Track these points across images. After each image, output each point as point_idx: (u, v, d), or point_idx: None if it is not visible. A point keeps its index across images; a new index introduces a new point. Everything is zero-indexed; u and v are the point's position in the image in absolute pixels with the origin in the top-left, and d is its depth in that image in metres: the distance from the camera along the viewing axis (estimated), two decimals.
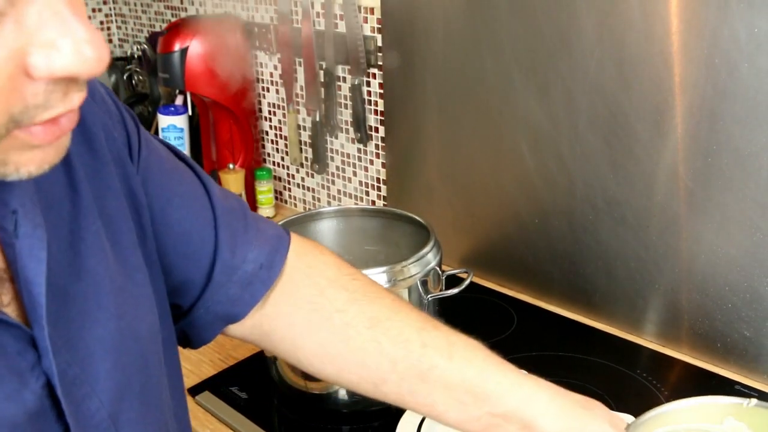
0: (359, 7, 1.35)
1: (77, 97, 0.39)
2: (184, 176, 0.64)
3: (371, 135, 1.42)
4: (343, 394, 0.94)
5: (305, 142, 1.57)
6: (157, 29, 1.88)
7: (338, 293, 0.68)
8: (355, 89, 1.39)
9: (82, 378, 0.48)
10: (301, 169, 1.62)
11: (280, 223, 1.04)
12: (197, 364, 1.10)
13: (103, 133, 0.55)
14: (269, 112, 1.65)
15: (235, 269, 0.65)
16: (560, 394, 0.64)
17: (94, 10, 2.01)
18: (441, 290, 0.97)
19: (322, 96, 1.47)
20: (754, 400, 0.64)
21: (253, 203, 1.60)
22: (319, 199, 1.61)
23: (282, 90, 1.58)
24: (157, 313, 0.58)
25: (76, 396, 0.47)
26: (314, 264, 0.70)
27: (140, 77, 1.84)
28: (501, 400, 0.63)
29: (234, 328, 0.69)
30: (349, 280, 0.69)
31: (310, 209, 1.60)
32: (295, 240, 0.71)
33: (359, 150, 1.46)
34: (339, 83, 1.44)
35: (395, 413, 0.92)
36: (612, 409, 0.92)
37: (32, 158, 0.40)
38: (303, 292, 0.68)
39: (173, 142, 1.62)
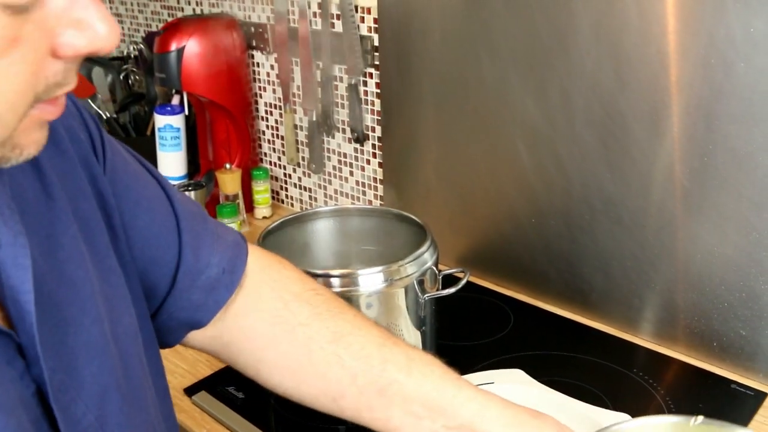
0: (356, 7, 1.35)
1: (75, 76, 0.41)
2: (146, 180, 0.65)
3: (368, 135, 1.42)
4: None
5: (302, 142, 1.57)
6: (154, 29, 1.87)
7: (302, 307, 0.69)
8: (352, 89, 1.39)
9: (68, 384, 0.48)
10: (297, 168, 1.62)
11: (276, 222, 1.05)
12: (193, 363, 1.10)
13: (67, 135, 0.55)
14: (266, 111, 1.64)
15: (199, 274, 0.65)
16: (510, 406, 0.66)
17: None
18: (438, 290, 0.97)
19: (319, 96, 1.47)
20: (700, 418, 0.65)
21: (249, 203, 1.60)
22: (315, 199, 1.61)
23: (279, 90, 1.58)
24: (135, 313, 0.58)
25: (62, 402, 0.47)
26: (279, 278, 0.71)
27: (137, 77, 1.84)
28: (456, 412, 0.64)
29: (194, 337, 0.69)
30: (313, 295, 0.71)
31: (306, 209, 1.59)
32: (259, 253, 0.72)
33: (356, 150, 1.46)
34: (336, 83, 1.44)
35: None
36: (609, 408, 0.92)
37: (36, 139, 0.41)
38: (268, 305, 0.69)
39: (170, 142, 1.62)
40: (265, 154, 1.69)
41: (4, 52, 0.36)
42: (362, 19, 1.35)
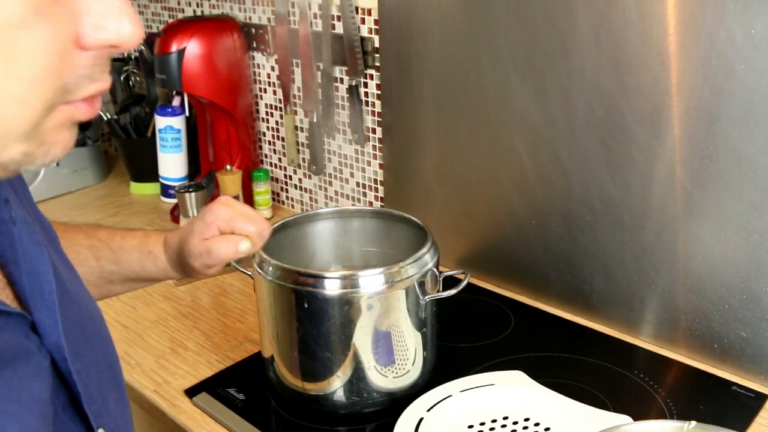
0: (356, 8, 1.35)
1: (109, 77, 0.43)
2: None
3: (368, 136, 1.42)
4: (340, 395, 0.94)
5: (302, 143, 1.57)
6: (155, 30, 1.88)
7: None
8: (353, 90, 1.39)
9: (78, 353, 0.51)
10: (298, 170, 1.62)
11: (277, 224, 1.04)
12: (194, 365, 1.10)
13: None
14: (266, 113, 1.64)
15: None
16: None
17: None
18: (438, 291, 0.97)
19: (320, 97, 1.47)
20: (693, 422, 0.65)
21: (250, 204, 1.60)
22: (316, 200, 1.61)
23: (279, 91, 1.58)
24: None
25: (77, 366, 0.50)
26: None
27: (137, 78, 1.84)
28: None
29: None
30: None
31: (307, 210, 1.59)
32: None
33: (356, 151, 1.46)
34: (336, 84, 1.44)
35: (392, 415, 0.92)
36: (609, 410, 0.92)
37: (64, 139, 0.42)
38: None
39: (170, 143, 1.62)
40: (266, 155, 1.69)
41: (30, 22, 0.36)
42: (363, 21, 1.35)
